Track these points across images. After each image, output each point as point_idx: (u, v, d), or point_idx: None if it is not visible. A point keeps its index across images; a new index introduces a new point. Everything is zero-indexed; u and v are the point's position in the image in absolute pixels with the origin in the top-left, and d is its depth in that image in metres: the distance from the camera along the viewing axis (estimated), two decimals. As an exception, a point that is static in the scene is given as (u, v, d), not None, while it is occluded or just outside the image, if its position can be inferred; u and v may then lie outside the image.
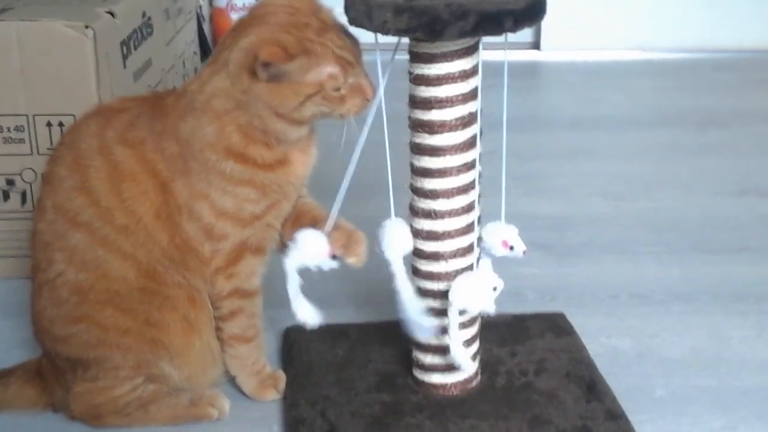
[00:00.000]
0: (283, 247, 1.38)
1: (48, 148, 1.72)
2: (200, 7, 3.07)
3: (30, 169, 1.76)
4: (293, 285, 1.30)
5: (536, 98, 2.88)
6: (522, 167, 2.27)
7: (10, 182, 1.77)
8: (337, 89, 1.26)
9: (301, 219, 1.39)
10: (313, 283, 1.36)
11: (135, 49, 1.89)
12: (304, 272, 1.31)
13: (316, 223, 1.35)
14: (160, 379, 1.38)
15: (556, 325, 1.57)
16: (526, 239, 1.39)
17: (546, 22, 1.30)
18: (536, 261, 1.84)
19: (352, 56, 1.27)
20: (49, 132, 1.74)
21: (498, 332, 1.53)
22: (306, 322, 1.32)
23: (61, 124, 1.73)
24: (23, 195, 1.78)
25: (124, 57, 1.83)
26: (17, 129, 1.74)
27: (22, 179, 1.77)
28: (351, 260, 1.35)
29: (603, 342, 1.58)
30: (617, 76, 3.00)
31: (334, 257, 1.32)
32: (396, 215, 1.35)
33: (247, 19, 1.30)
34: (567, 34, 3.14)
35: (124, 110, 1.39)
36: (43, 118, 1.73)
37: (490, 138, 1.36)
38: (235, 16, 3.09)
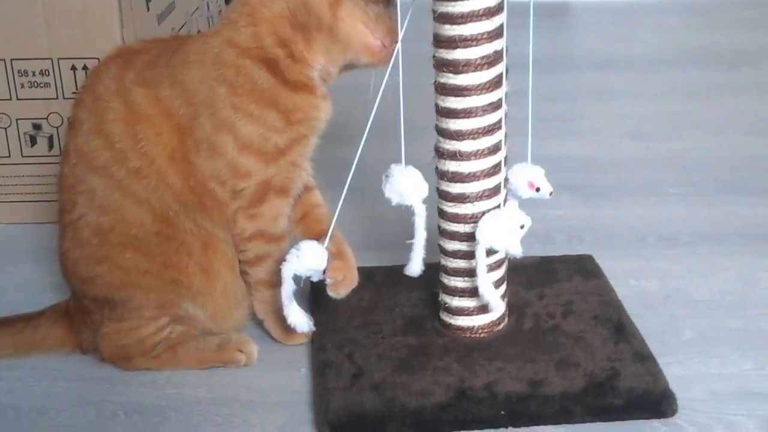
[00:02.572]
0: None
1: (73, 92, 1.72)
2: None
3: (56, 113, 1.76)
4: (287, 290, 1.30)
5: (565, 39, 2.84)
6: (549, 108, 2.25)
7: (37, 126, 1.78)
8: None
9: (311, 227, 1.41)
10: (339, 226, 1.36)
11: (159, -9, 1.88)
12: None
13: (323, 237, 1.34)
14: (186, 320, 1.39)
15: (583, 268, 1.56)
16: (553, 181, 1.38)
17: None
18: (564, 203, 1.83)
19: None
20: (74, 75, 1.73)
21: (525, 275, 1.52)
22: (297, 327, 1.33)
23: (85, 68, 1.72)
24: (50, 139, 1.78)
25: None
26: (42, 73, 1.74)
27: (49, 123, 1.77)
28: (329, 282, 1.33)
29: (631, 284, 1.57)
30: (646, 14, 2.95)
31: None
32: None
33: None
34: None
35: (144, 51, 1.38)
36: (67, 61, 1.73)
37: (516, 79, 1.34)
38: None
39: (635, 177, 1.95)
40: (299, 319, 1.32)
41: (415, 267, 1.37)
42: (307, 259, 1.29)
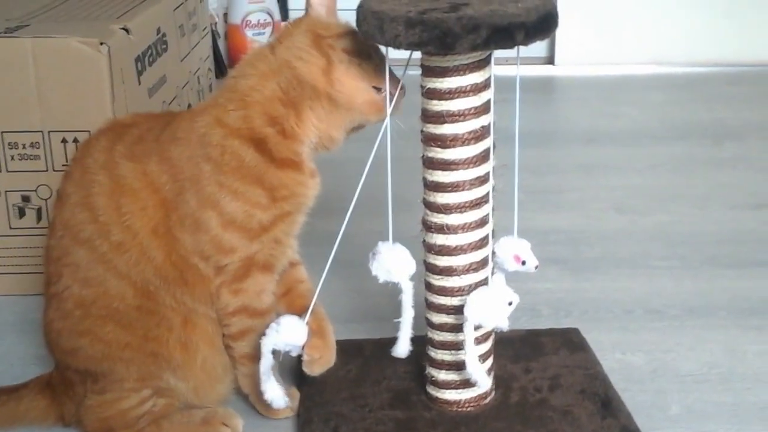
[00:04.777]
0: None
1: (63, 165, 1.73)
2: (215, 23, 3.09)
3: (45, 185, 1.77)
4: (265, 365, 1.30)
5: (550, 113, 2.87)
6: (536, 182, 2.27)
7: (26, 198, 1.78)
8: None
9: (294, 303, 1.41)
10: (328, 298, 1.36)
11: (150, 65, 1.90)
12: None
13: (305, 313, 1.34)
14: (168, 393, 1.38)
15: (570, 341, 1.56)
16: (540, 254, 1.39)
17: (560, 37, 1.30)
18: (551, 276, 1.84)
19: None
20: (64, 148, 1.75)
21: (512, 348, 1.52)
22: (273, 403, 1.32)
23: (75, 141, 1.74)
24: (38, 211, 1.79)
25: (139, 73, 1.84)
26: (32, 145, 1.75)
27: (38, 196, 1.78)
28: (306, 359, 1.34)
29: (618, 358, 1.58)
30: (631, 90, 2.99)
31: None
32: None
33: None
34: (581, 49, 3.14)
35: (135, 125, 1.40)
36: (58, 134, 1.74)
37: (503, 152, 1.36)
38: (250, 33, 3.11)
39: (622, 250, 1.96)
40: (276, 394, 1.32)
41: (402, 348, 1.35)
42: (287, 334, 1.28)
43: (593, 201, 2.20)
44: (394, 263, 1.34)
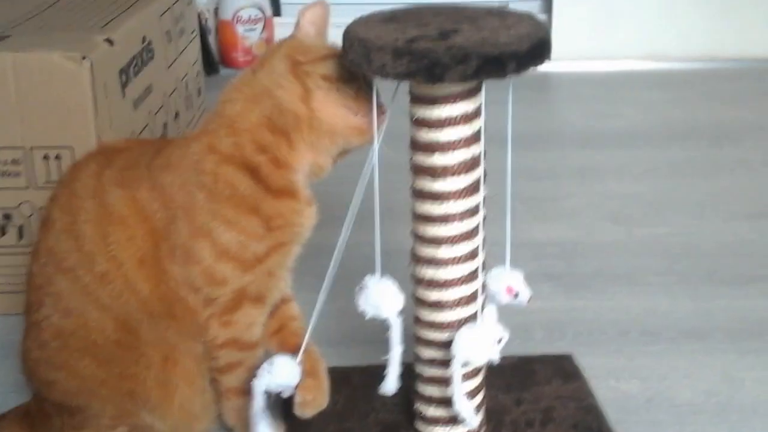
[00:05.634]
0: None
1: (46, 182, 1.69)
2: (206, 20, 3.04)
3: (27, 202, 1.73)
4: (258, 406, 1.26)
5: (545, 112, 2.83)
6: (530, 188, 2.24)
7: (7, 216, 1.74)
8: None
9: (286, 341, 1.37)
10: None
11: (135, 75, 1.86)
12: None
13: (298, 352, 1.30)
14: (146, 430, 1.35)
15: (563, 370, 1.53)
16: (534, 269, 1.36)
17: (556, 33, 1.26)
18: (544, 293, 1.80)
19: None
20: (47, 165, 1.70)
21: (504, 377, 1.48)
22: None
23: (58, 157, 1.69)
24: (20, 229, 1.75)
25: (123, 85, 1.80)
26: (14, 162, 1.71)
27: (20, 213, 1.74)
28: (298, 401, 1.30)
29: (612, 386, 1.54)
30: (628, 87, 2.96)
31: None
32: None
33: None
34: (577, 44, 3.09)
35: (126, 150, 1.36)
36: (40, 150, 1.70)
37: (497, 157, 1.30)
38: (241, 29, 3.06)
39: (618, 264, 1.92)
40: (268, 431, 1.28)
41: (390, 385, 1.32)
42: (280, 375, 1.25)
43: (589, 209, 2.16)
44: (381, 299, 1.30)
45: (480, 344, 1.26)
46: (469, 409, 1.29)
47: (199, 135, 1.31)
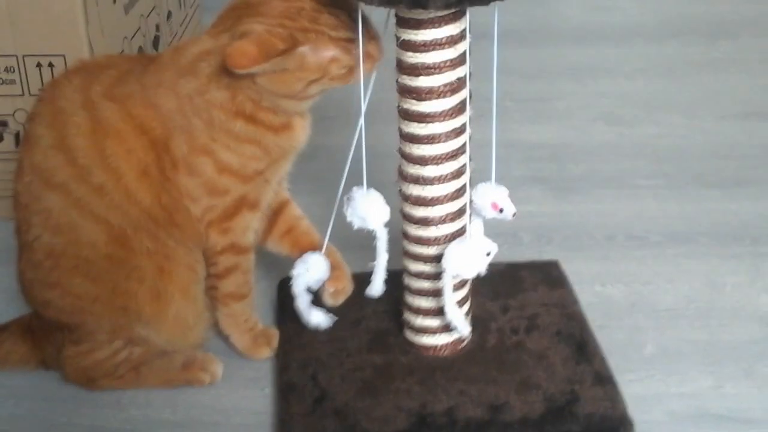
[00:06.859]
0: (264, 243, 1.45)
1: (39, 89, 1.70)
2: None
3: (22, 109, 1.74)
4: (303, 303, 1.38)
5: (540, 4, 2.80)
6: (524, 87, 2.25)
7: (3, 123, 1.76)
8: (343, 68, 1.25)
9: (300, 240, 1.44)
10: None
11: (125, -21, 1.85)
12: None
13: (314, 248, 1.40)
14: (142, 342, 1.40)
15: (549, 276, 1.57)
16: (524, 171, 1.39)
17: None
18: (534, 197, 1.83)
19: (350, 32, 1.24)
20: (40, 72, 1.71)
21: (491, 284, 1.52)
22: (320, 326, 1.41)
23: (51, 65, 1.70)
24: (17, 136, 1.77)
25: (113, -9, 1.79)
26: (7, 70, 1.72)
27: (15, 120, 1.76)
28: (331, 291, 1.41)
29: (597, 291, 1.59)
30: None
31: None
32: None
33: (243, 6, 1.26)
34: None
35: (112, 66, 1.36)
36: (32, 58, 1.70)
37: (488, 54, 1.29)
38: None
39: (607, 167, 1.95)
40: (321, 318, 1.41)
41: (376, 288, 1.38)
42: (316, 270, 1.36)
43: (581, 110, 2.17)
44: (368, 210, 1.33)
45: (470, 258, 1.29)
46: (460, 318, 1.33)
47: (189, 67, 1.28)
